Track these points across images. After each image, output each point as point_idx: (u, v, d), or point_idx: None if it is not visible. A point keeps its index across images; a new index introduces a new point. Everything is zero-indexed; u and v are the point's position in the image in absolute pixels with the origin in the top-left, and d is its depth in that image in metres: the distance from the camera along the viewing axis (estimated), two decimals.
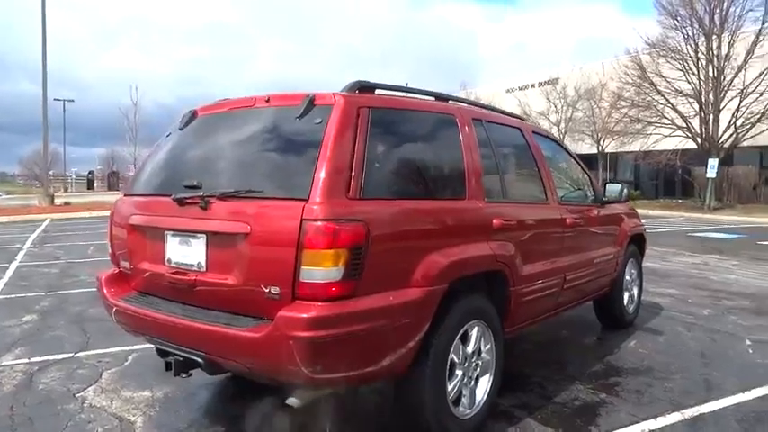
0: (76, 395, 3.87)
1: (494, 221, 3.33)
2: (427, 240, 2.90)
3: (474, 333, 3.20)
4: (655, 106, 25.74)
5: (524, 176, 4.09)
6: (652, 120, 26.04)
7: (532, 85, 38.71)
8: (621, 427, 3.36)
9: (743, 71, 23.16)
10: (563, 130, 33.42)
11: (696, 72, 24.30)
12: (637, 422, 3.43)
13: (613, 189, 4.89)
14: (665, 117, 25.49)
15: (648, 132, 26.30)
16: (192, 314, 2.86)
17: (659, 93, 25.05)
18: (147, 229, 3.20)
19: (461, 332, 3.08)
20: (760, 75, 22.66)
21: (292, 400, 2.72)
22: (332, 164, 2.59)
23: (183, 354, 2.89)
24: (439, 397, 2.94)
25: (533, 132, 4.30)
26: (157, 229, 3.11)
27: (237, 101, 3.26)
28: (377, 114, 2.89)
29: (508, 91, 40.28)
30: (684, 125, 24.98)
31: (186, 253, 2.95)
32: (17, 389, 3.99)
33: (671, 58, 24.31)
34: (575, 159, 4.92)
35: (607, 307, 5.33)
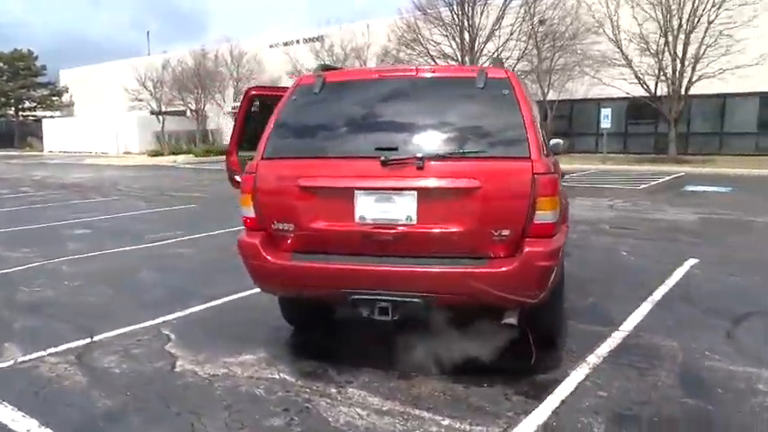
0: None
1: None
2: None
3: None
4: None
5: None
6: None
7: (297, 41, 39.48)
8: None
9: (492, 39, 27.02)
10: None
11: (457, 39, 27.66)
12: None
13: (555, 143, 6.32)
14: None
15: None
16: (405, 263, 3.23)
17: (429, 55, 27.85)
18: (325, 190, 3.40)
19: None
20: (499, 46, 26.48)
21: (510, 320, 3.44)
22: (534, 127, 3.33)
23: (393, 299, 3.27)
24: (561, 312, 4.04)
25: None
26: (344, 189, 3.33)
27: (391, 69, 3.75)
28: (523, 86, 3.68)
29: (272, 46, 40.64)
30: None
31: (388, 209, 3.27)
32: None
33: (438, 24, 27.18)
34: None
35: None
